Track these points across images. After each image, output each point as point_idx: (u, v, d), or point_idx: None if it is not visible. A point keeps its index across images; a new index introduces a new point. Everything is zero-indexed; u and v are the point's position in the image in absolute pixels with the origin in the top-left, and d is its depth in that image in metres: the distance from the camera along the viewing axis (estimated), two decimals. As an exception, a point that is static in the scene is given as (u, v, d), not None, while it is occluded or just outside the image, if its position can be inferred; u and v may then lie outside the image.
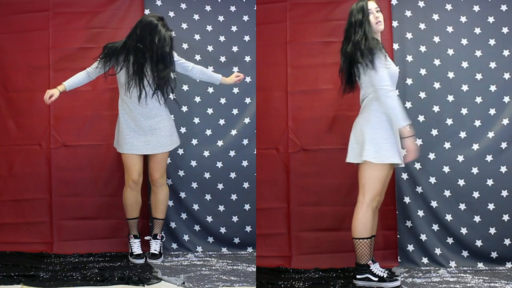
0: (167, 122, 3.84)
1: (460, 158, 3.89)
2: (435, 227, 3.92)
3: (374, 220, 3.49)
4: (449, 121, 3.91)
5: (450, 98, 3.91)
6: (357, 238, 3.44)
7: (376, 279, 3.46)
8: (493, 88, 3.89)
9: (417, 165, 3.91)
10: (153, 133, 3.79)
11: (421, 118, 3.91)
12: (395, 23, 3.95)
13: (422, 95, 3.91)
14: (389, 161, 3.36)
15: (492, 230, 3.86)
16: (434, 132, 3.91)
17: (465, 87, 3.90)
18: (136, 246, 3.96)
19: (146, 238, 4.04)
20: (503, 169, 3.86)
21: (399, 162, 3.39)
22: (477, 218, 3.88)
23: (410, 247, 3.92)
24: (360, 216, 3.43)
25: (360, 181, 3.45)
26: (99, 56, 3.77)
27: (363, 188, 3.43)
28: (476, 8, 3.91)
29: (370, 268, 3.46)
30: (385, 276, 3.46)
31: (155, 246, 3.98)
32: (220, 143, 4.24)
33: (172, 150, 3.94)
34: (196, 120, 4.22)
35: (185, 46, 4.21)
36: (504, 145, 3.86)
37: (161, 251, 4.01)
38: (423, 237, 3.91)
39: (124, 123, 3.78)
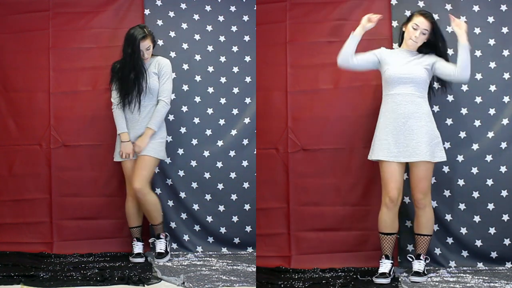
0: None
1: (460, 158, 3.89)
2: (435, 227, 3.91)
3: (390, 218, 3.61)
4: (449, 121, 3.91)
5: (450, 98, 3.91)
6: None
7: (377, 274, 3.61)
8: (493, 88, 3.89)
9: (417, 165, 3.91)
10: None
11: (421, 118, 3.91)
12: (395, 23, 3.95)
13: (422, 95, 3.91)
14: (372, 157, 3.62)
15: (492, 230, 3.86)
16: (434, 132, 3.91)
17: (465, 87, 3.90)
18: (137, 248, 3.97)
19: (150, 240, 4.05)
20: (503, 169, 3.85)
21: (379, 158, 3.56)
22: (477, 218, 3.88)
23: (410, 247, 3.92)
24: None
25: None
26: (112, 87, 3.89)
27: None
28: (476, 8, 3.91)
29: (380, 261, 3.63)
30: (378, 274, 3.60)
31: (160, 246, 3.97)
32: (220, 143, 4.24)
33: (160, 159, 3.95)
34: (196, 120, 4.22)
35: (185, 46, 4.21)
36: (504, 145, 3.86)
37: (167, 250, 3.99)
38: (423, 237, 3.91)
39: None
